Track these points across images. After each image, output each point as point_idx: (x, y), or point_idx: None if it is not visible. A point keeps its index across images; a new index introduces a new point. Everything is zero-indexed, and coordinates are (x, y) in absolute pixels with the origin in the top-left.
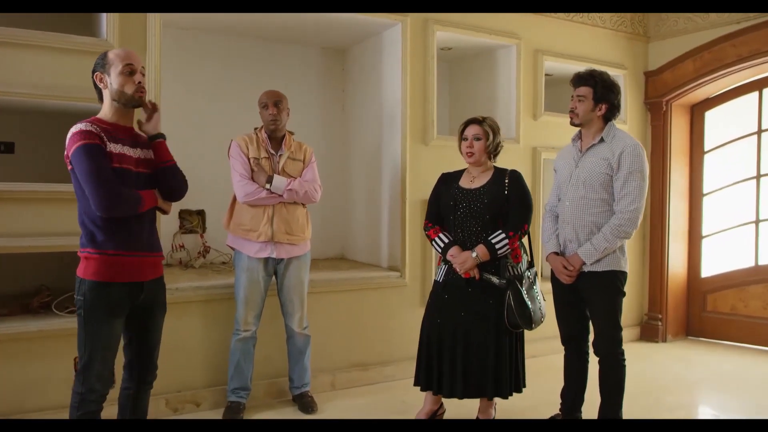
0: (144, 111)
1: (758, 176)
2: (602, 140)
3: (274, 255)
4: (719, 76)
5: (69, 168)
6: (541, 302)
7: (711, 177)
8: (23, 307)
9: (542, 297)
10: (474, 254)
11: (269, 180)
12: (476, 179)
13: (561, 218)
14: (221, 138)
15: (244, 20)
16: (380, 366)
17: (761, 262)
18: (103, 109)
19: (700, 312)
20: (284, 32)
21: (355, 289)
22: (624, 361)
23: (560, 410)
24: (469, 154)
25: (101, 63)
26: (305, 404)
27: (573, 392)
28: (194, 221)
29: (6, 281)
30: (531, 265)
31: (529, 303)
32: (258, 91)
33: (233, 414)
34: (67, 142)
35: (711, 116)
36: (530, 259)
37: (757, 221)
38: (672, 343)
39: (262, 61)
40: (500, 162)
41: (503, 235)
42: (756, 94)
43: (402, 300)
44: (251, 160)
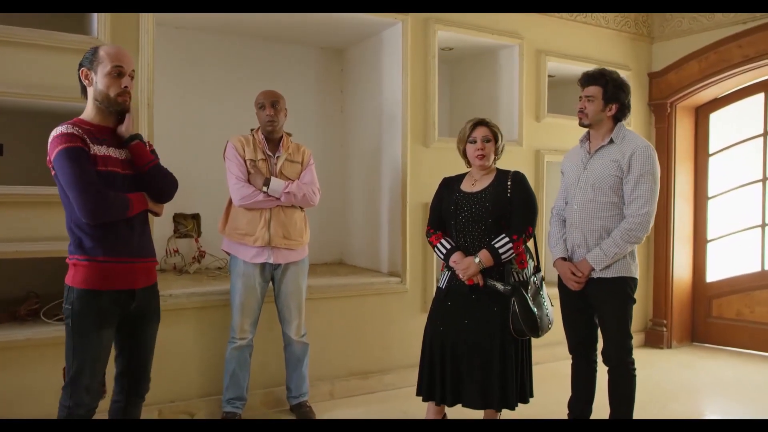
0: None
1: (764, 179)
2: (612, 141)
3: (271, 260)
4: (725, 78)
5: (52, 173)
6: (548, 308)
7: (716, 180)
8: (11, 315)
9: (550, 302)
10: (477, 260)
11: (266, 182)
12: (478, 182)
13: (569, 222)
14: (217, 139)
15: (241, 19)
16: (380, 374)
17: None
18: (87, 109)
19: (706, 318)
20: (282, 31)
21: (355, 295)
22: (634, 371)
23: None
24: (480, 157)
25: (89, 59)
26: (303, 414)
27: (581, 402)
28: (189, 225)
29: None
30: (537, 270)
31: (535, 309)
32: (255, 92)
33: None
34: (49, 146)
35: (716, 118)
36: (536, 264)
37: (764, 225)
38: (677, 350)
39: (259, 61)
40: (502, 165)
41: (507, 239)
42: (762, 96)
43: (403, 306)
44: (248, 162)
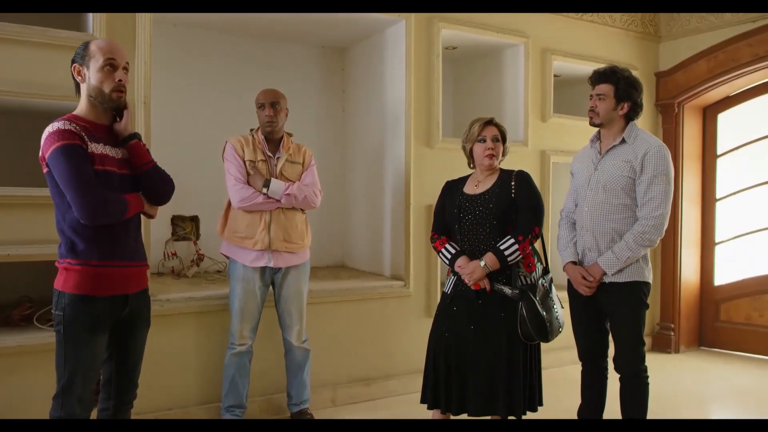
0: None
1: None
2: (624, 141)
3: (272, 264)
4: (734, 77)
5: (45, 171)
6: (558, 311)
7: (724, 181)
8: (3, 320)
9: (560, 305)
10: (482, 263)
11: (266, 184)
12: (481, 183)
13: (579, 225)
14: (216, 140)
15: (241, 17)
16: (383, 381)
17: None
18: (80, 105)
19: (714, 322)
20: (282, 30)
21: (357, 300)
22: (647, 378)
23: None
24: (491, 156)
25: (81, 54)
26: None
27: (591, 411)
28: (187, 228)
29: None
30: (546, 272)
31: (544, 313)
32: (255, 90)
33: None
34: (43, 143)
35: (724, 118)
36: (545, 265)
37: None
38: (685, 354)
39: (259, 59)
40: (507, 166)
41: (512, 241)
42: None
43: (406, 311)
44: (247, 163)
